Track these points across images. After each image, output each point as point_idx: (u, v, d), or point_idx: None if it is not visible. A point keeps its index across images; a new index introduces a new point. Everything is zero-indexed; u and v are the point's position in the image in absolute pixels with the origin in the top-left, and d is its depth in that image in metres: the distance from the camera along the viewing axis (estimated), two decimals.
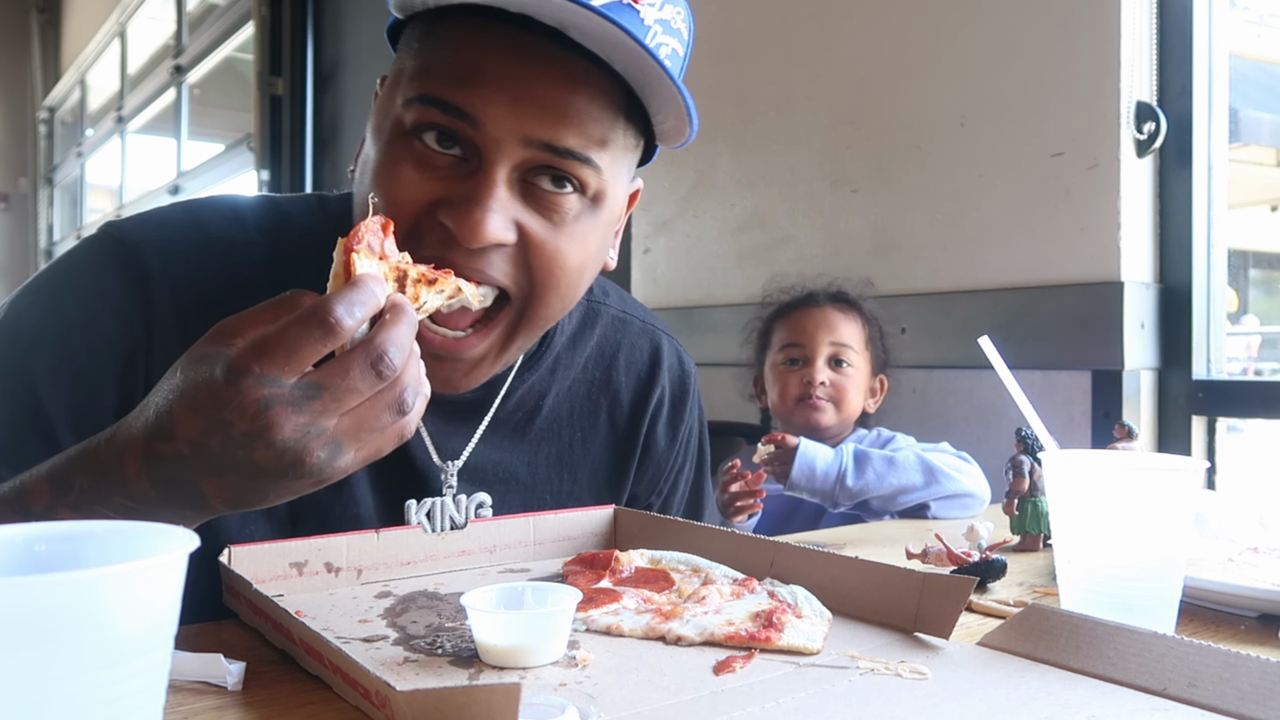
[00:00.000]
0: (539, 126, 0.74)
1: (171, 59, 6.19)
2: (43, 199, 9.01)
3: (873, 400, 1.74)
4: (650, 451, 1.07)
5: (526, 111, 0.74)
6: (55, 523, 0.50)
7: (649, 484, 1.09)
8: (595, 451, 1.03)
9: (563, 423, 1.01)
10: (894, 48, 1.99)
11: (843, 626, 0.74)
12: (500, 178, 0.75)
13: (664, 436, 1.08)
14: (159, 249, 0.83)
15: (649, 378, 1.06)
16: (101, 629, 0.41)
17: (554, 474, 1.00)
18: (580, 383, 1.02)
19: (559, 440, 1.00)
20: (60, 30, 8.85)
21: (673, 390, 1.09)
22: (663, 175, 2.53)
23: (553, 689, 0.61)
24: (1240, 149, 1.86)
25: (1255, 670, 0.58)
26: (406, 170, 0.76)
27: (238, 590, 0.76)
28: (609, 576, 0.86)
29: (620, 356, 1.05)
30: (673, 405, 1.09)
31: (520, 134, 0.74)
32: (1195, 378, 1.66)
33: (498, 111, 0.74)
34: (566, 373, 1.01)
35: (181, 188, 6.01)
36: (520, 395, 0.97)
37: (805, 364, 1.68)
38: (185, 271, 0.83)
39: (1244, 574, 0.86)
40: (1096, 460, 0.82)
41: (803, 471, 1.47)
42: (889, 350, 1.77)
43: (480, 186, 0.74)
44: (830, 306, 1.72)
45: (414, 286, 0.67)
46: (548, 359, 0.99)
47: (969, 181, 1.85)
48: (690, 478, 1.15)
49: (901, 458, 1.45)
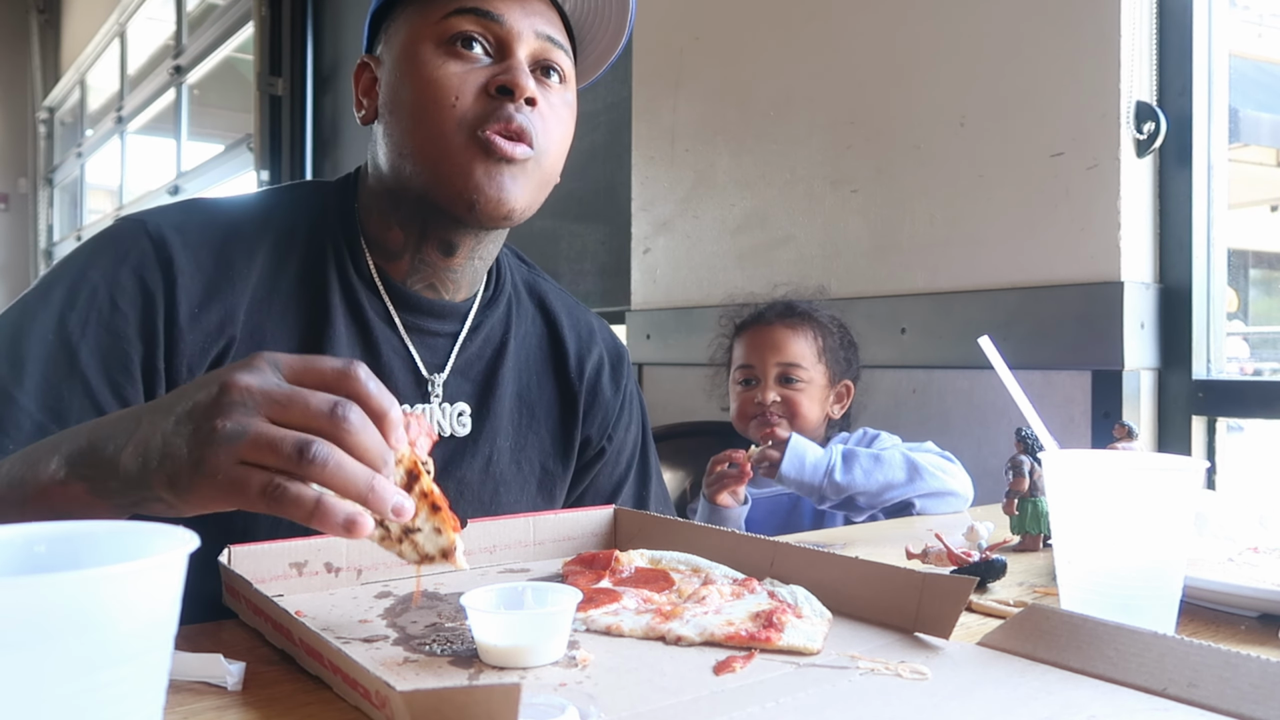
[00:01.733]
0: (541, 23, 0.99)
1: (171, 59, 6.19)
2: (42, 199, 9.01)
3: (838, 406, 1.75)
4: (597, 398, 1.18)
5: (532, 11, 0.98)
6: (55, 523, 0.50)
7: (599, 428, 1.19)
8: (548, 394, 1.15)
9: (522, 365, 1.13)
10: (894, 48, 1.99)
11: (843, 626, 0.74)
12: (524, 57, 0.97)
13: (609, 387, 1.20)
14: (175, 225, 0.96)
15: (589, 340, 1.20)
16: (101, 629, 0.41)
17: (515, 407, 1.11)
18: (532, 334, 1.16)
19: (519, 380, 1.12)
20: (60, 30, 8.85)
21: (610, 354, 1.22)
22: (663, 175, 2.53)
23: (553, 689, 0.61)
24: (1240, 149, 1.86)
25: (1255, 670, 0.58)
26: (456, 67, 0.95)
27: (238, 590, 0.76)
28: (609, 576, 0.86)
29: (563, 318, 1.19)
30: (612, 365, 1.21)
31: (532, 28, 0.98)
32: (1195, 378, 1.66)
33: (515, 13, 0.97)
34: (519, 322, 1.14)
35: (181, 188, 6.01)
36: (485, 331, 1.10)
37: (758, 384, 1.71)
38: (199, 239, 0.96)
39: (1244, 574, 0.86)
40: (1096, 460, 0.82)
41: (793, 464, 1.51)
42: (852, 355, 1.78)
43: (514, 63, 0.96)
44: (779, 324, 1.73)
45: (417, 499, 0.68)
46: (500, 303, 1.12)
47: (969, 181, 1.85)
48: (637, 439, 1.25)
49: (887, 456, 1.50)
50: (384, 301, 1.03)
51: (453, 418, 1.05)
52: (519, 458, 1.10)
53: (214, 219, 0.99)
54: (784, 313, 1.75)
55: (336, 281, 1.01)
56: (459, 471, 1.05)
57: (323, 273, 1.00)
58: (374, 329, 1.02)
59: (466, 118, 0.94)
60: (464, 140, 0.94)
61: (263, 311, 0.97)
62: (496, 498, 1.08)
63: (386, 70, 1.00)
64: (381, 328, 1.02)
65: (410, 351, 1.04)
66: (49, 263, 8.97)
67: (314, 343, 0.98)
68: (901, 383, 1.92)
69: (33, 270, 8.97)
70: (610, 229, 2.82)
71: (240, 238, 0.98)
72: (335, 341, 0.99)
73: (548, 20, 0.99)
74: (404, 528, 0.68)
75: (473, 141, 0.94)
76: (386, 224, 1.02)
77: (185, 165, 6.12)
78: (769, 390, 1.69)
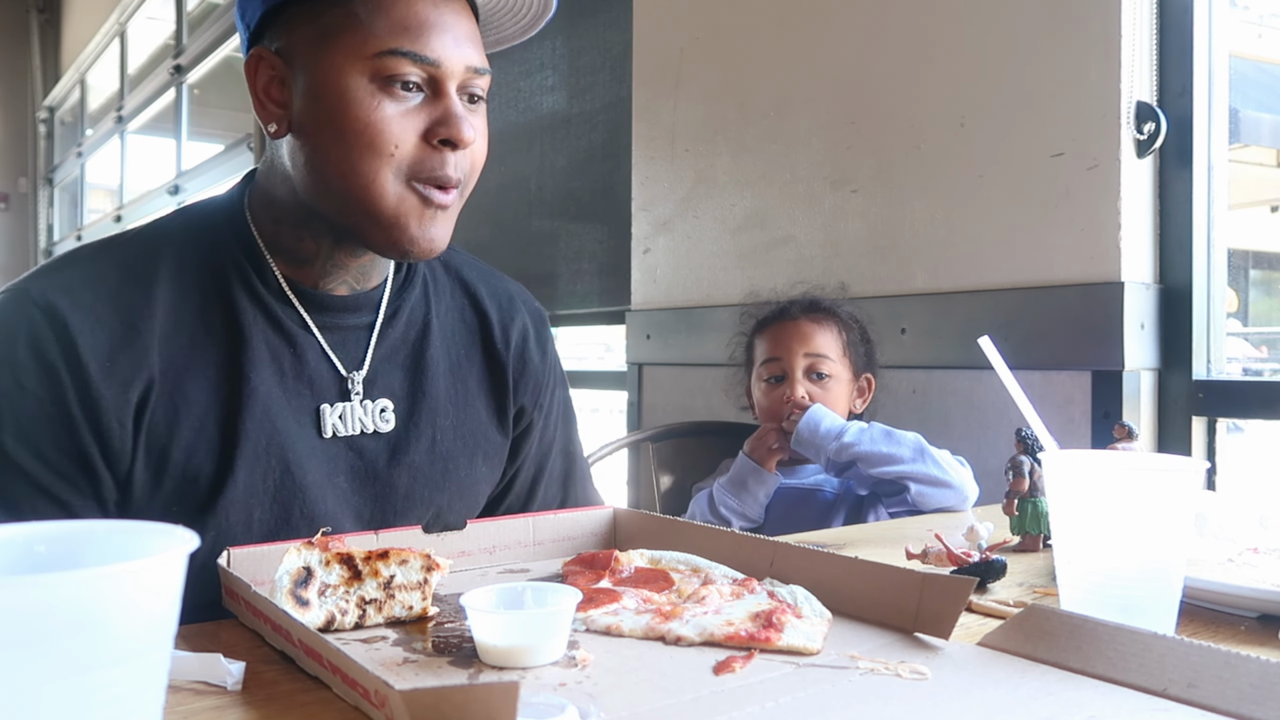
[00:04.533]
0: (469, 55, 0.96)
1: (171, 59, 6.18)
2: (42, 199, 9.01)
3: (860, 400, 1.77)
4: (526, 366, 1.18)
5: (463, 45, 0.95)
6: (55, 522, 0.50)
7: (532, 396, 1.18)
8: (478, 366, 1.14)
9: (449, 340, 1.13)
10: (894, 48, 1.99)
11: (843, 626, 0.74)
12: (458, 96, 0.95)
13: (535, 354, 1.19)
14: (61, 286, 0.92)
15: (510, 308, 1.19)
16: (101, 629, 0.41)
17: (450, 386, 1.11)
18: (452, 309, 1.15)
19: (449, 357, 1.12)
20: (60, 30, 8.85)
21: (534, 320, 1.21)
22: (663, 175, 2.53)
23: (553, 689, 0.61)
24: (1240, 149, 1.86)
25: (1255, 670, 0.58)
26: (392, 109, 0.93)
27: (236, 592, 0.76)
28: (609, 576, 0.86)
29: (481, 289, 1.18)
30: (537, 331, 1.21)
31: (463, 63, 0.95)
32: (1195, 378, 1.66)
33: (449, 51, 0.94)
34: (439, 298, 1.13)
35: (181, 188, 6.00)
36: (406, 316, 1.09)
37: (785, 379, 1.71)
38: (90, 294, 0.93)
39: (1244, 574, 0.86)
40: (1096, 460, 0.82)
41: (808, 425, 1.59)
42: (872, 351, 1.79)
43: (451, 106, 0.94)
44: (804, 318, 1.74)
45: (367, 563, 0.76)
46: (415, 283, 1.11)
47: (969, 181, 1.85)
48: (562, 404, 1.25)
49: (899, 434, 1.55)
50: (297, 309, 1.01)
51: (375, 415, 1.04)
52: (462, 431, 1.10)
53: (100, 268, 0.95)
54: (808, 308, 1.75)
55: (246, 299, 0.98)
56: (406, 458, 1.05)
57: (229, 293, 0.98)
58: (295, 339, 1.00)
59: (404, 166, 0.93)
60: (400, 190, 0.93)
61: (175, 345, 0.94)
62: (447, 474, 1.08)
63: (301, 84, 0.94)
64: (301, 335, 1.01)
65: (327, 351, 1.02)
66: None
67: (234, 366, 0.96)
68: (901, 383, 1.92)
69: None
70: (610, 229, 2.82)
71: (133, 277, 0.95)
72: (256, 362, 0.97)
73: (473, 42, 0.97)
74: (363, 600, 0.75)
75: (410, 191, 0.93)
76: (297, 235, 1.00)
77: (185, 165, 6.12)
78: (798, 385, 1.69)
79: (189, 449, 0.94)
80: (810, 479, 1.70)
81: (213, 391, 0.95)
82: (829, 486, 1.68)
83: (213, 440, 0.95)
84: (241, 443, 0.95)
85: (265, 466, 0.96)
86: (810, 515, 1.67)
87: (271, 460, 0.96)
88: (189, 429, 0.93)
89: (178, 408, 0.93)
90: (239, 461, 0.94)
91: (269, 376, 0.97)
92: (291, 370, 0.99)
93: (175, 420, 0.93)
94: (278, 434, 0.97)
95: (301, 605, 0.72)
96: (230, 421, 0.95)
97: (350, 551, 0.76)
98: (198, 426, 0.94)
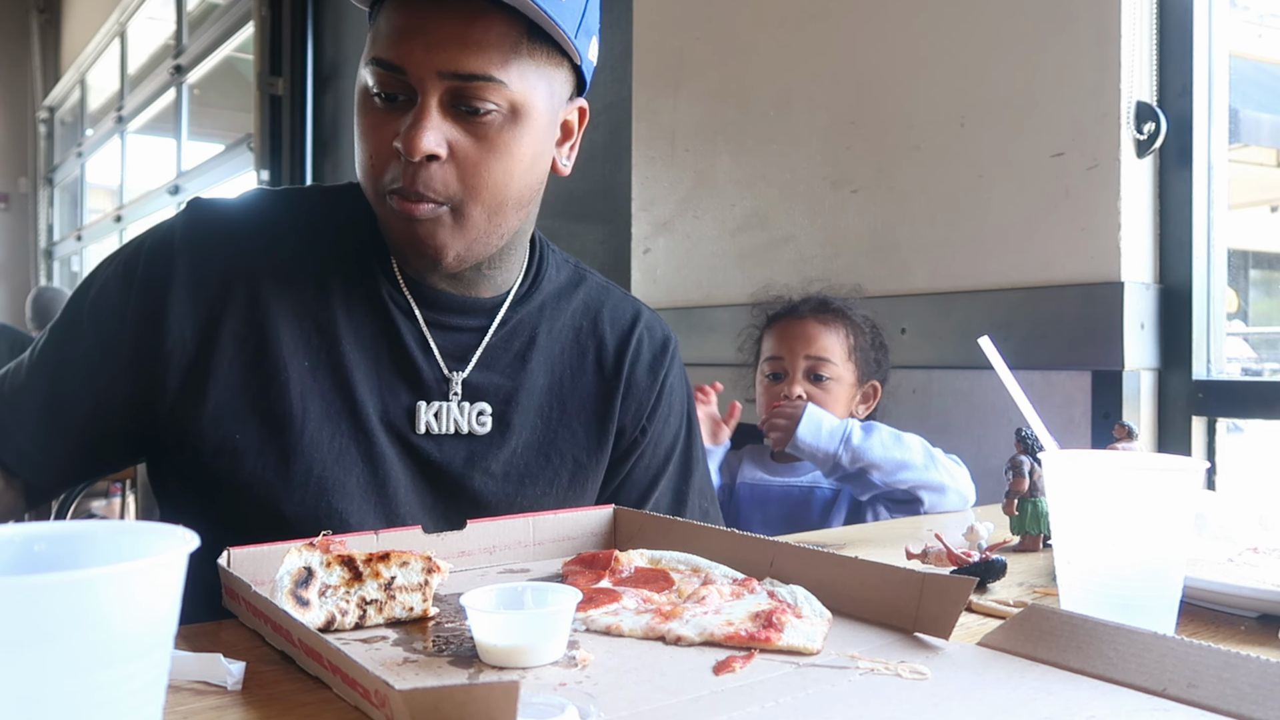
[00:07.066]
0: (446, 60, 0.90)
1: (171, 59, 6.19)
2: (43, 199, 9.01)
3: (863, 407, 1.73)
4: (632, 389, 1.16)
5: (436, 50, 0.90)
6: (55, 522, 0.50)
7: (634, 418, 1.16)
8: (583, 386, 1.13)
9: (555, 358, 1.12)
10: (894, 48, 1.99)
11: (843, 626, 0.74)
12: (431, 105, 0.91)
13: (645, 377, 1.17)
14: (218, 209, 1.04)
15: (629, 330, 1.18)
16: (100, 629, 0.41)
17: (545, 401, 1.10)
18: (568, 328, 1.14)
19: (551, 373, 1.11)
20: (60, 30, 8.85)
21: (651, 342, 1.19)
22: (663, 175, 2.53)
23: (553, 689, 0.61)
24: (1240, 149, 1.86)
25: (1255, 670, 0.58)
26: (373, 120, 0.95)
27: (237, 592, 0.76)
28: (609, 576, 0.86)
29: (604, 312, 1.17)
30: (652, 354, 1.19)
31: (434, 69, 0.90)
32: (1195, 378, 1.66)
33: (416, 57, 0.90)
34: (555, 317, 1.13)
35: (182, 188, 6.01)
36: (514, 325, 1.09)
37: (785, 377, 1.68)
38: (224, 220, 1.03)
39: (1244, 574, 0.86)
40: (1096, 460, 0.82)
41: (810, 428, 1.52)
42: (882, 357, 1.75)
43: (416, 114, 0.91)
44: (811, 318, 1.70)
45: (368, 565, 0.76)
46: (536, 299, 1.12)
47: (969, 181, 1.85)
48: (679, 432, 1.22)
49: (907, 437, 1.52)
50: (406, 296, 1.04)
51: (472, 417, 1.05)
52: (548, 451, 1.09)
53: (263, 201, 1.07)
54: (817, 307, 1.72)
55: (359, 272, 1.03)
56: (482, 464, 1.05)
57: (349, 264, 1.03)
58: (396, 321, 1.03)
59: (381, 177, 0.95)
60: (379, 201, 0.97)
61: (274, 283, 1.00)
62: (521, 490, 1.07)
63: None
64: (403, 320, 1.03)
65: (431, 346, 1.05)
66: (49, 262, 8.97)
67: (328, 324, 1.00)
68: (901, 383, 1.92)
69: (33, 270, 8.97)
70: (610, 229, 2.82)
71: (270, 223, 1.04)
72: (357, 329, 1.01)
73: (459, 46, 0.90)
74: (364, 601, 0.75)
75: (387, 199, 0.95)
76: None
77: (185, 165, 6.12)
78: (795, 384, 1.66)
79: (274, 397, 0.98)
80: (808, 478, 1.70)
81: (302, 349, 0.99)
82: (827, 484, 1.68)
83: (291, 397, 0.98)
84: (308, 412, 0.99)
85: (337, 443, 1.00)
86: (810, 515, 1.67)
87: (341, 439, 1.00)
88: (267, 377, 0.98)
89: (260, 351, 0.98)
90: (308, 424, 0.99)
91: (362, 360, 1.01)
92: (391, 351, 1.02)
93: (259, 364, 0.98)
94: (358, 416, 1.00)
95: (302, 605, 0.72)
96: (313, 387, 0.99)
97: (351, 553, 0.76)
98: (284, 380, 0.98)
